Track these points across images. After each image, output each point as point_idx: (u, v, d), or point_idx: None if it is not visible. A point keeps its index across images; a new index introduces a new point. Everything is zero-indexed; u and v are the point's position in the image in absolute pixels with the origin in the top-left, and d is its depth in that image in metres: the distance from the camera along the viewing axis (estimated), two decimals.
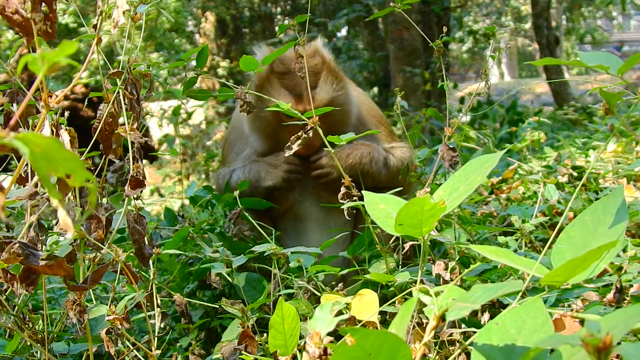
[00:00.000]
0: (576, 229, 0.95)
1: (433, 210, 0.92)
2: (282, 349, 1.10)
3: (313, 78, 2.59)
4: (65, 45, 0.77)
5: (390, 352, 0.81)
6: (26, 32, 1.01)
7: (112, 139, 1.37)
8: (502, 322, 0.83)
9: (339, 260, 2.43)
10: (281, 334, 1.10)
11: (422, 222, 0.94)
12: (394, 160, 2.75)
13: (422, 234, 0.96)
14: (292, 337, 1.09)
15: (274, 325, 1.09)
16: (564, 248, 0.93)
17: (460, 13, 13.99)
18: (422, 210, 0.92)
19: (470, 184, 0.99)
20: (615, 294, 1.85)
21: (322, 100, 2.59)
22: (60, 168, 0.75)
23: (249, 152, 2.86)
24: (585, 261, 0.84)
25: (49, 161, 0.73)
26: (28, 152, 0.71)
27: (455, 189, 1.00)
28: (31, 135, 0.72)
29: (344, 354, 0.80)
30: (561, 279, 0.86)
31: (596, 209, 0.97)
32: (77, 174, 0.75)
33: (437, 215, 0.93)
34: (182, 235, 2.45)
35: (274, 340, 1.10)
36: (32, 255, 1.18)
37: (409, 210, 0.93)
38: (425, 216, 0.93)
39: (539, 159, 4.45)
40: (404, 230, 0.96)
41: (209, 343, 2.39)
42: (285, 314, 1.08)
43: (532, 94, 20.26)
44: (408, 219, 0.94)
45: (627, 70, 1.00)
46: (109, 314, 1.42)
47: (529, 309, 0.83)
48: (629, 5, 16.28)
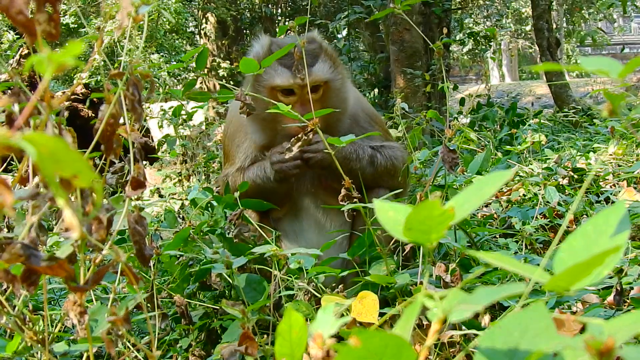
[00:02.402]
0: (578, 238, 0.96)
1: (443, 217, 0.92)
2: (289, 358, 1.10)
3: (311, 59, 2.58)
4: (71, 46, 0.78)
5: (394, 353, 0.81)
6: (30, 33, 1.01)
7: (113, 139, 1.38)
8: (505, 325, 0.84)
9: (338, 262, 2.43)
10: (288, 342, 1.09)
11: (432, 228, 0.94)
12: (381, 159, 2.71)
13: (430, 240, 0.96)
14: (299, 346, 1.09)
15: (281, 333, 1.08)
16: (566, 256, 0.93)
17: (461, 15, 13.99)
18: (431, 216, 0.92)
19: (482, 197, 0.99)
20: (615, 296, 1.85)
21: (318, 77, 2.58)
22: (67, 168, 0.75)
23: (248, 145, 2.82)
24: (588, 266, 0.84)
25: (56, 162, 0.73)
26: (35, 153, 0.71)
27: (467, 200, 1.00)
28: (37, 136, 0.72)
29: (348, 355, 0.80)
30: (564, 284, 0.86)
31: (598, 220, 0.97)
32: (84, 174, 0.76)
33: (447, 222, 0.93)
34: (182, 237, 2.46)
35: (280, 349, 1.09)
36: (33, 256, 1.18)
37: (418, 214, 0.93)
38: (434, 222, 0.93)
39: (539, 161, 4.46)
40: (412, 235, 0.96)
41: (209, 344, 2.39)
42: (293, 323, 1.08)
43: (533, 96, 20.26)
44: (417, 223, 0.94)
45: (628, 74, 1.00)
46: (109, 314, 1.42)
47: (532, 313, 0.83)
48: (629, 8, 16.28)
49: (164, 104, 7.04)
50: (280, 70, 2.56)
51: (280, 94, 2.58)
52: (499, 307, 2.01)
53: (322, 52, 2.68)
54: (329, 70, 2.65)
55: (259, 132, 2.73)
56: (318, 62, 2.62)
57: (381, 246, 2.05)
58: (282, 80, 2.55)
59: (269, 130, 2.68)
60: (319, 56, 2.65)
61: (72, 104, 9.41)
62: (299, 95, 2.58)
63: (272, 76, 2.57)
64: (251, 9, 17.26)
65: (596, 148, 4.77)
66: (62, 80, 17.98)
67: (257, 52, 2.67)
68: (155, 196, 5.71)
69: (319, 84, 2.61)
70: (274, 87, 2.58)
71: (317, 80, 2.58)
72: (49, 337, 1.55)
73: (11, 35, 12.56)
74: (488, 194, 0.99)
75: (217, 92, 2.30)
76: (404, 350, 0.82)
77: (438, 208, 0.92)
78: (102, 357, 1.99)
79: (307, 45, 2.55)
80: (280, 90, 2.58)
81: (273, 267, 2.03)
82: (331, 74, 2.65)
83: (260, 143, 2.75)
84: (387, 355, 0.82)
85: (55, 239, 2.42)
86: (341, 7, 14.34)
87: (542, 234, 2.74)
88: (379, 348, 0.81)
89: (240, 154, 2.84)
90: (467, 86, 22.13)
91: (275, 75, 2.56)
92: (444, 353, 1.66)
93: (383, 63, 12.07)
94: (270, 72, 2.56)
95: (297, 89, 2.56)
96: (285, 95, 2.58)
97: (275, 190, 2.68)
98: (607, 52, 31.70)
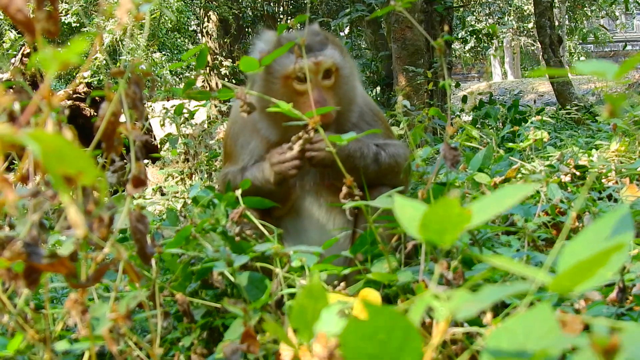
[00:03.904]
0: (580, 241, 0.96)
1: (459, 218, 0.91)
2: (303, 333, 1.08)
3: (319, 46, 2.63)
4: (74, 44, 0.78)
5: (401, 337, 0.82)
6: (29, 30, 1.01)
7: (114, 137, 1.38)
8: (510, 326, 0.84)
9: (340, 260, 2.43)
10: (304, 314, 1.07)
11: (447, 229, 0.94)
12: (385, 157, 2.71)
13: (444, 241, 0.95)
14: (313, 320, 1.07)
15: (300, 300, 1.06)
16: (569, 259, 0.93)
17: (463, 12, 13.98)
18: (449, 215, 0.91)
19: (500, 207, 0.99)
20: (617, 293, 1.84)
21: (330, 60, 2.60)
22: (71, 166, 0.75)
23: (255, 145, 2.80)
24: (591, 265, 0.84)
25: (60, 159, 0.73)
26: (39, 150, 0.71)
27: (485, 207, 1.00)
28: (42, 133, 0.72)
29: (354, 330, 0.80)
30: (568, 285, 0.86)
31: (601, 223, 0.97)
32: (87, 172, 0.75)
33: (463, 224, 0.92)
34: (184, 235, 2.45)
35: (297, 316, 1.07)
36: (35, 254, 1.18)
37: (435, 212, 0.92)
38: (451, 222, 0.93)
39: (541, 158, 4.45)
40: (427, 234, 0.95)
41: (211, 342, 2.39)
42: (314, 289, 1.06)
43: (535, 93, 20.25)
44: (433, 222, 0.93)
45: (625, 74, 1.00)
46: (111, 312, 1.42)
47: (537, 314, 0.83)
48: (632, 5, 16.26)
49: (166, 103, 7.05)
50: (292, 58, 2.57)
51: (295, 81, 2.59)
52: (501, 304, 2.00)
53: (329, 41, 2.71)
54: (339, 56, 2.68)
55: (271, 128, 2.72)
56: (327, 48, 2.66)
57: (383, 244, 2.05)
58: (296, 67, 2.56)
59: (282, 124, 2.65)
60: (327, 44, 2.68)
61: (74, 103, 9.41)
62: (313, 82, 2.58)
63: (285, 65, 2.58)
64: (253, 7, 17.26)
65: (598, 145, 4.76)
66: (64, 80, 18.00)
67: (262, 48, 2.67)
68: (157, 195, 5.72)
69: (331, 68, 2.62)
70: (288, 76, 2.58)
71: (329, 64, 2.60)
72: (51, 336, 1.55)
73: (13, 35, 12.58)
74: (507, 205, 0.99)
75: (218, 91, 2.29)
76: (411, 336, 0.82)
77: (456, 207, 0.91)
78: (104, 355, 1.99)
79: (313, 36, 2.58)
80: (295, 77, 2.58)
81: (275, 265, 2.03)
82: (341, 60, 2.68)
83: (273, 139, 2.73)
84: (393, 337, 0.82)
85: (56, 237, 2.41)
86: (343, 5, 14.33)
87: (544, 231, 2.73)
88: (386, 328, 0.81)
89: (245, 155, 2.82)
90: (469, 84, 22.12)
91: (288, 63, 2.57)
92: (446, 350, 1.65)
93: (385, 61, 12.06)
94: (282, 62, 2.57)
95: (311, 74, 2.56)
96: (300, 83, 2.58)
97: (273, 192, 2.67)
98: (609, 49, 31.64)
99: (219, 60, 16.08)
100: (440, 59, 2.21)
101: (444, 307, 0.88)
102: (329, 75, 2.62)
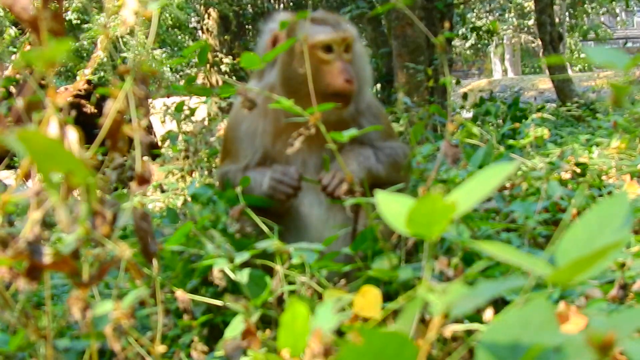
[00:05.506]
0: (581, 229, 0.95)
1: (445, 210, 0.92)
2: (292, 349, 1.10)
3: (337, 20, 2.73)
4: (60, 43, 0.78)
5: (396, 351, 0.82)
6: (34, 29, 1.01)
7: (119, 135, 1.37)
8: (506, 320, 0.84)
9: (340, 257, 2.43)
10: (291, 333, 1.09)
11: (434, 222, 0.94)
12: (384, 158, 2.75)
13: (432, 234, 0.95)
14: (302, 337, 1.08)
15: (285, 324, 1.08)
16: (568, 248, 0.93)
17: (464, 9, 13.96)
18: (434, 209, 0.92)
19: (484, 190, 0.99)
20: (618, 290, 1.85)
21: (350, 32, 2.69)
22: (61, 166, 0.75)
23: (263, 128, 2.76)
24: (591, 260, 0.84)
25: (49, 159, 0.73)
26: (24, 150, 0.71)
27: (469, 193, 1.00)
28: (31, 133, 0.72)
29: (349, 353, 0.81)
30: (567, 277, 0.86)
31: (601, 210, 0.97)
32: (76, 172, 0.75)
33: (449, 216, 0.93)
34: (184, 232, 2.45)
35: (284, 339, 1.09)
36: (37, 252, 1.18)
37: (420, 207, 0.92)
38: (437, 215, 0.93)
39: (542, 156, 4.45)
40: (414, 228, 0.95)
41: (212, 339, 2.40)
42: (297, 314, 1.07)
43: (535, 90, 20.23)
44: (419, 216, 0.94)
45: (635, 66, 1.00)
46: (114, 310, 1.42)
47: (534, 307, 0.83)
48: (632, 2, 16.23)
49: (166, 100, 7.04)
50: (319, 28, 2.64)
51: (321, 51, 2.62)
52: (503, 302, 2.01)
53: (342, 19, 2.79)
54: (356, 32, 2.76)
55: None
56: (344, 23, 2.74)
57: (383, 241, 2.05)
58: (325, 36, 2.62)
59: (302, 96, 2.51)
60: (342, 21, 2.76)
61: (74, 100, 9.41)
62: (336, 52, 2.64)
63: (312, 34, 2.60)
64: (253, 4, 17.25)
65: (599, 142, 4.76)
66: (65, 77, 17.98)
67: (274, 28, 2.70)
68: (157, 192, 5.72)
69: (351, 42, 2.68)
70: (315, 45, 2.60)
71: (350, 36, 2.67)
72: (52, 333, 1.55)
73: (13, 31, 12.57)
74: (490, 187, 0.99)
75: (219, 87, 2.29)
76: (405, 348, 0.82)
77: (440, 201, 0.91)
78: (105, 352, 2.00)
79: (328, 15, 2.74)
80: (322, 47, 2.63)
81: (275, 262, 2.03)
82: (357, 36, 2.77)
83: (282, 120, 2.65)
84: (388, 353, 0.82)
85: (58, 235, 2.42)
86: (343, 2, 14.31)
87: (545, 228, 2.73)
88: (381, 346, 0.81)
89: (247, 150, 2.79)
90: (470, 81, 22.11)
91: (315, 32, 2.62)
92: (447, 347, 1.66)
93: (385, 58, 12.06)
94: (309, 32, 2.59)
95: (336, 44, 2.63)
96: (326, 52, 2.63)
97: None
98: (609, 46, 31.62)
99: (219, 57, 16.07)
100: (440, 56, 2.21)
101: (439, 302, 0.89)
102: (348, 49, 2.69)
